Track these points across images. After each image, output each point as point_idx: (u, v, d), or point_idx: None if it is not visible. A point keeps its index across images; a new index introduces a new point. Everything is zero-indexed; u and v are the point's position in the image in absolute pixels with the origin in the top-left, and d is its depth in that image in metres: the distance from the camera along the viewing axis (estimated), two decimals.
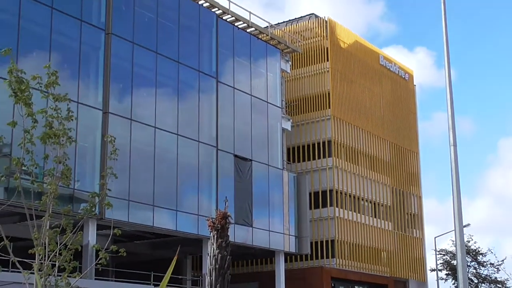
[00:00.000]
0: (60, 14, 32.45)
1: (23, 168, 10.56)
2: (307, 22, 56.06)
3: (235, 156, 41.71)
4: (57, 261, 10.70)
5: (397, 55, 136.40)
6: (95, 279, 32.36)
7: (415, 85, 65.20)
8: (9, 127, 10.71)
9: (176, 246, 40.91)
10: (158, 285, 35.03)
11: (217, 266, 10.43)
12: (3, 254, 10.47)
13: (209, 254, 10.63)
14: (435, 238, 61.16)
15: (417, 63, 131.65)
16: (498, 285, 61.28)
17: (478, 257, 61.94)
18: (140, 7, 37.26)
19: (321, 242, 50.99)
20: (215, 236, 10.60)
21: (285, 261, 46.08)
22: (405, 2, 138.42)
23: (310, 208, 48.72)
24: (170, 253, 41.79)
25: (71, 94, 11.36)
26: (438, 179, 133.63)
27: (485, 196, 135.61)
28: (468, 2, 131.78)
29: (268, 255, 46.93)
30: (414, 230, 60.75)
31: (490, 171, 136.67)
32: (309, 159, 52.85)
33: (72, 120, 11.13)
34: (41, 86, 10.95)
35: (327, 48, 54.07)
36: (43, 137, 10.66)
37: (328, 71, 53.70)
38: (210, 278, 10.43)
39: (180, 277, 42.25)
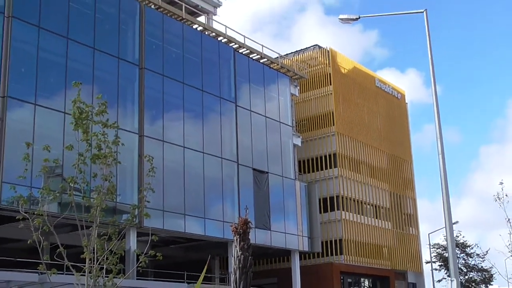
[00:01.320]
0: (101, 53, 32.75)
1: (75, 185, 10.65)
2: (311, 52, 56.17)
3: (254, 169, 41.70)
4: (104, 265, 10.77)
5: (390, 76, 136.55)
6: (137, 279, 32.40)
7: (407, 103, 65.00)
8: (60, 151, 10.79)
9: (205, 248, 40.94)
10: (192, 283, 35.10)
11: (240, 266, 10.45)
12: (58, 259, 10.58)
13: (233, 256, 10.64)
14: (428, 234, 61.10)
15: (408, 82, 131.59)
16: (484, 273, 60.88)
17: (466, 249, 61.59)
18: (168, 45, 37.51)
19: (331, 241, 50.79)
20: (238, 240, 10.61)
21: (300, 258, 45.90)
22: (396, 30, 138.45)
23: (320, 212, 48.62)
24: (201, 255, 41.79)
25: (111, 121, 11.41)
26: (429, 183, 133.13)
27: (470, 196, 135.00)
28: (452, 24, 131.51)
29: (285, 254, 46.78)
30: (411, 228, 60.38)
31: (474, 174, 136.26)
32: (317, 170, 52.77)
33: (119, 145, 11.16)
34: (91, 115, 11.06)
35: (330, 74, 54.09)
36: (93, 158, 10.74)
37: (331, 93, 53.69)
38: (235, 276, 10.44)
39: (209, 275, 42.21)
